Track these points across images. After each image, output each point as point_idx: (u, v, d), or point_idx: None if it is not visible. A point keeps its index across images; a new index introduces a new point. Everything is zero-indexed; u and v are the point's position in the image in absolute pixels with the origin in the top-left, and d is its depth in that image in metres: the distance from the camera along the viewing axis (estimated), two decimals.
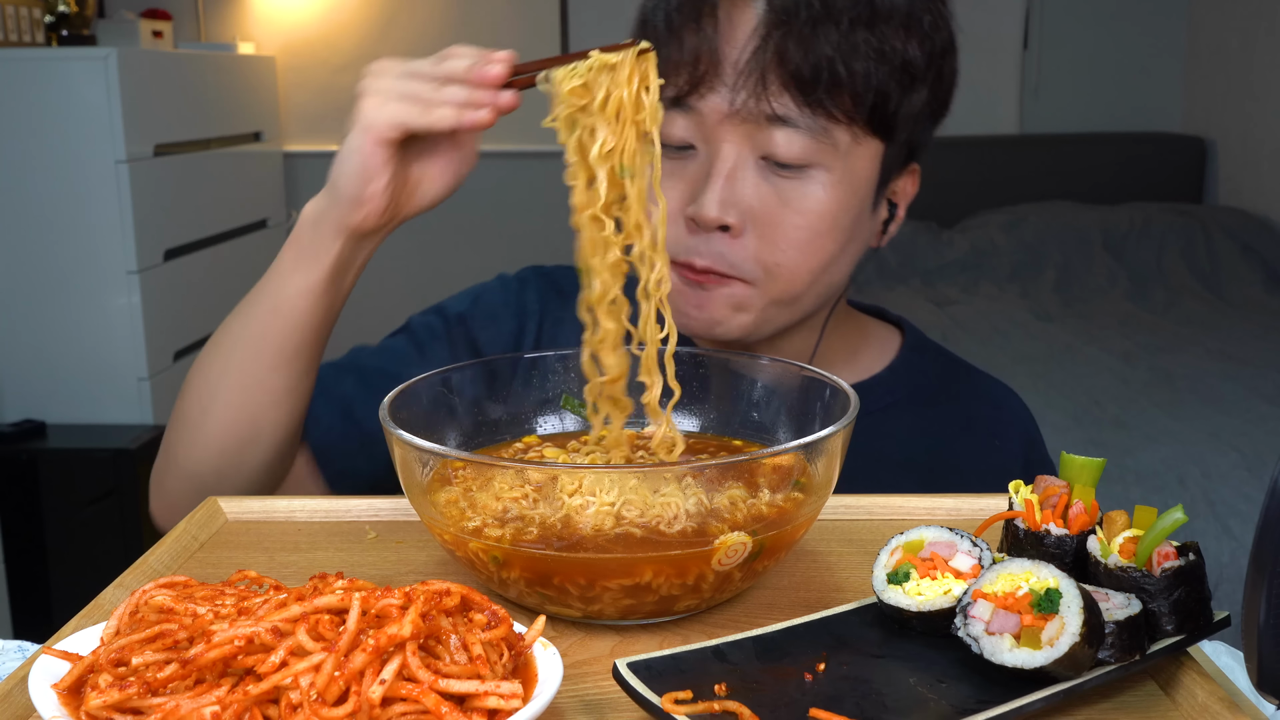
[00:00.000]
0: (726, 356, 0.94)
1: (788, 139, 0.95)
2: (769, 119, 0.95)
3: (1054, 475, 1.12)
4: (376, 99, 0.87)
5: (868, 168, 0.99)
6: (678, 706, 0.59)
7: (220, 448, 0.97)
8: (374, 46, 4.22)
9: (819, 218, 0.98)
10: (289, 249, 0.94)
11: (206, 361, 0.99)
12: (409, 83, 0.87)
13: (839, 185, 0.98)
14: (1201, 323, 3.49)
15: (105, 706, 0.55)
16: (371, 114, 0.87)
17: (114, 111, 2.84)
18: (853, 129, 0.96)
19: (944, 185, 4.24)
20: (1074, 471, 0.73)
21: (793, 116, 0.95)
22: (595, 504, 0.74)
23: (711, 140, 0.98)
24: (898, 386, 1.12)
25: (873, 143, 0.98)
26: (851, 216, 1.00)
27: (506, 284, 1.18)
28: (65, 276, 2.92)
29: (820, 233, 0.98)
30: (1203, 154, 4.32)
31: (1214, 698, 0.62)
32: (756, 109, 0.95)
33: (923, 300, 3.69)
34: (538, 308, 1.15)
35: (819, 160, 0.96)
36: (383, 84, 0.88)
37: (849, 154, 0.97)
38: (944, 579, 0.70)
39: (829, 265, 1.01)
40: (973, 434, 1.13)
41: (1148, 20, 4.40)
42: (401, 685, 0.54)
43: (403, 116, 0.86)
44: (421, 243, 4.34)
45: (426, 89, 0.86)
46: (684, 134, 0.99)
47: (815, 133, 0.95)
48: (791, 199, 0.97)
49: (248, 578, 0.69)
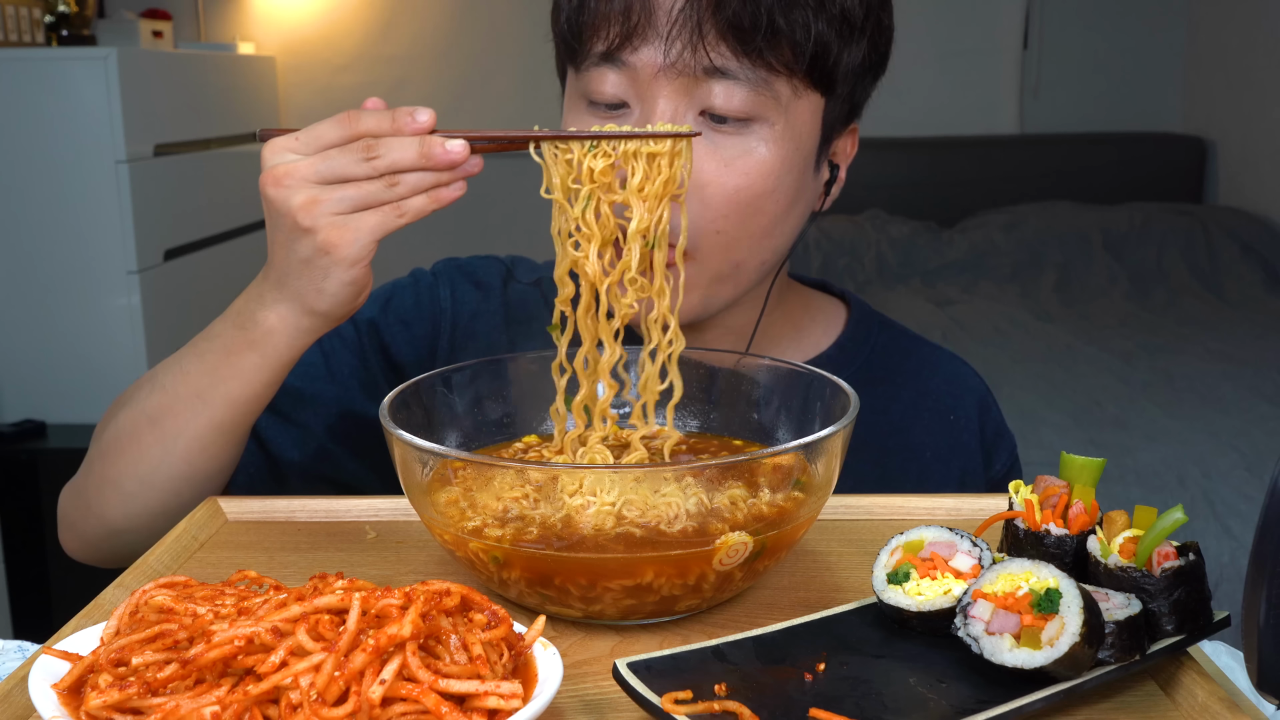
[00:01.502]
0: (727, 356, 0.94)
1: (727, 91, 0.91)
2: (706, 71, 0.90)
3: (1010, 440, 1.12)
4: (334, 224, 0.80)
5: (809, 123, 0.95)
6: (678, 706, 0.60)
7: (160, 512, 0.94)
8: (374, 46, 4.23)
9: (761, 176, 0.93)
10: (239, 347, 0.88)
11: (144, 438, 0.93)
12: (360, 188, 0.80)
13: (781, 140, 0.93)
14: (1201, 323, 3.49)
15: (105, 706, 0.55)
16: (346, 245, 0.80)
17: (114, 111, 2.83)
18: (793, 81, 0.92)
19: (944, 185, 4.25)
20: (1074, 471, 0.73)
21: (731, 68, 0.90)
22: (596, 504, 0.74)
23: (646, 97, 0.92)
24: (845, 364, 1.09)
25: (813, 96, 0.94)
26: (795, 175, 0.96)
27: (419, 280, 1.13)
28: (65, 276, 2.92)
29: (763, 192, 0.94)
30: (1203, 154, 4.32)
31: (1214, 698, 0.62)
32: (693, 61, 0.90)
33: (923, 300, 3.69)
34: (450, 305, 1.11)
35: (760, 113, 0.92)
36: (325, 197, 0.80)
37: (790, 107, 0.93)
38: (944, 579, 0.70)
39: (771, 229, 0.97)
40: (926, 409, 1.10)
41: (1148, 20, 4.40)
42: (401, 685, 0.54)
43: (379, 230, 0.81)
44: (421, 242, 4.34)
45: (381, 189, 0.80)
46: (616, 91, 0.93)
47: (755, 84, 0.91)
48: (733, 157, 0.93)
49: (248, 578, 0.69)
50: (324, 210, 0.80)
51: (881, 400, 1.07)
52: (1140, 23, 4.40)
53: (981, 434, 1.10)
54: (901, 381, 1.11)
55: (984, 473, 1.10)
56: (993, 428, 1.12)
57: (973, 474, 1.09)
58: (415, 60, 4.25)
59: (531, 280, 1.14)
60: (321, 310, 0.85)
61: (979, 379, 1.15)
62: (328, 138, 0.81)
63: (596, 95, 0.94)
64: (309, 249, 0.81)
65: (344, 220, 0.80)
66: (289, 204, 0.81)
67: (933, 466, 1.08)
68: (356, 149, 0.80)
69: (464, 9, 4.23)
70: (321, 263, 0.82)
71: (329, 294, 0.83)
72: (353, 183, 0.80)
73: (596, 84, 0.93)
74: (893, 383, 1.10)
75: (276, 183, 0.81)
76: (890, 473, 1.06)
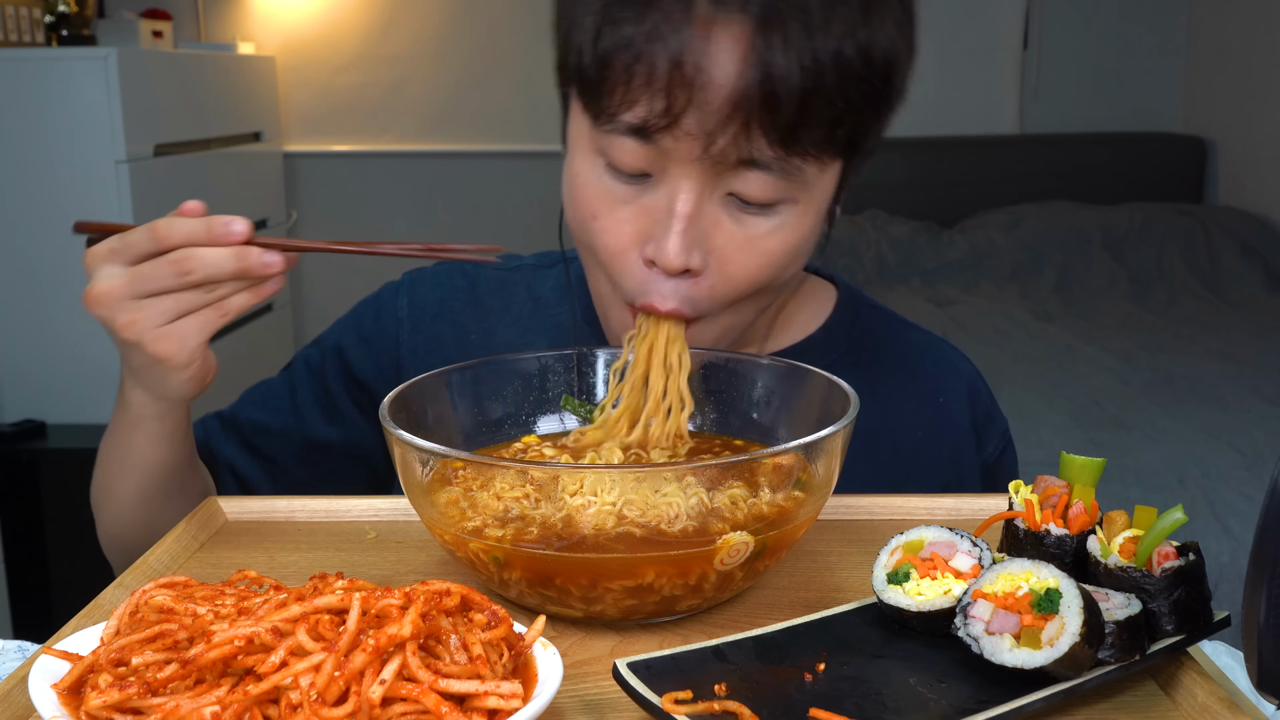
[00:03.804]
0: (727, 357, 0.94)
1: (760, 181, 0.85)
2: (741, 161, 0.84)
3: (1001, 422, 1.12)
4: (158, 336, 0.85)
5: (830, 189, 0.92)
6: (678, 706, 0.59)
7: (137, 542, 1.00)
8: (374, 46, 4.23)
9: (785, 253, 0.90)
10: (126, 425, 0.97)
11: (103, 502, 1.05)
12: (178, 299, 0.85)
13: (805, 216, 0.90)
14: (1201, 323, 3.49)
15: (105, 706, 0.55)
16: (174, 354, 0.86)
17: (114, 111, 2.83)
18: (821, 160, 0.86)
19: (944, 185, 4.25)
20: (1074, 471, 0.73)
21: (767, 159, 0.84)
22: (596, 504, 0.74)
23: (671, 176, 0.86)
24: (832, 347, 1.09)
25: (836, 164, 0.90)
26: (813, 240, 0.94)
27: (382, 295, 1.15)
28: (65, 277, 2.92)
29: (785, 266, 0.91)
30: (1203, 154, 4.32)
31: (1214, 698, 0.62)
32: (733, 154, 0.83)
33: (923, 300, 3.69)
34: (408, 313, 1.11)
35: (787, 196, 0.87)
36: (145, 314, 0.85)
37: (815, 183, 0.88)
38: (944, 579, 0.70)
39: (786, 285, 0.96)
40: (915, 392, 1.09)
41: (1148, 20, 4.40)
42: (401, 685, 0.54)
43: (204, 333, 0.86)
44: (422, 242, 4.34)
45: (200, 296, 0.85)
46: (640, 164, 0.86)
47: (789, 173, 0.85)
48: (757, 237, 0.88)
49: (248, 578, 0.69)
50: (146, 326, 0.85)
51: (869, 384, 1.03)
52: (1140, 23, 4.40)
53: (972, 416, 1.10)
54: (890, 365, 1.10)
55: (976, 455, 1.09)
56: (983, 410, 1.11)
57: (965, 456, 1.09)
58: (415, 60, 4.25)
59: (511, 266, 1.15)
60: (171, 398, 0.92)
61: (968, 362, 1.14)
62: (142, 249, 0.84)
63: (619, 164, 0.87)
64: (141, 359, 0.87)
65: (167, 331, 0.85)
66: (112, 323, 0.86)
67: (923, 449, 1.07)
68: (172, 265, 0.83)
69: (464, 9, 4.22)
70: (157, 369, 0.88)
71: (172, 389, 0.90)
72: (171, 294, 0.85)
73: (618, 151, 0.86)
74: (881, 366, 1.10)
75: (97, 302, 0.85)
76: (881, 456, 1.06)
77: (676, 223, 0.85)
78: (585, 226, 0.91)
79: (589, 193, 0.89)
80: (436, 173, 4.32)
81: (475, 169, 4.32)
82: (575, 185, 0.91)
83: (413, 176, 4.32)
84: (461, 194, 4.34)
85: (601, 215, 0.89)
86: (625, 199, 0.88)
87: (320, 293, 4.28)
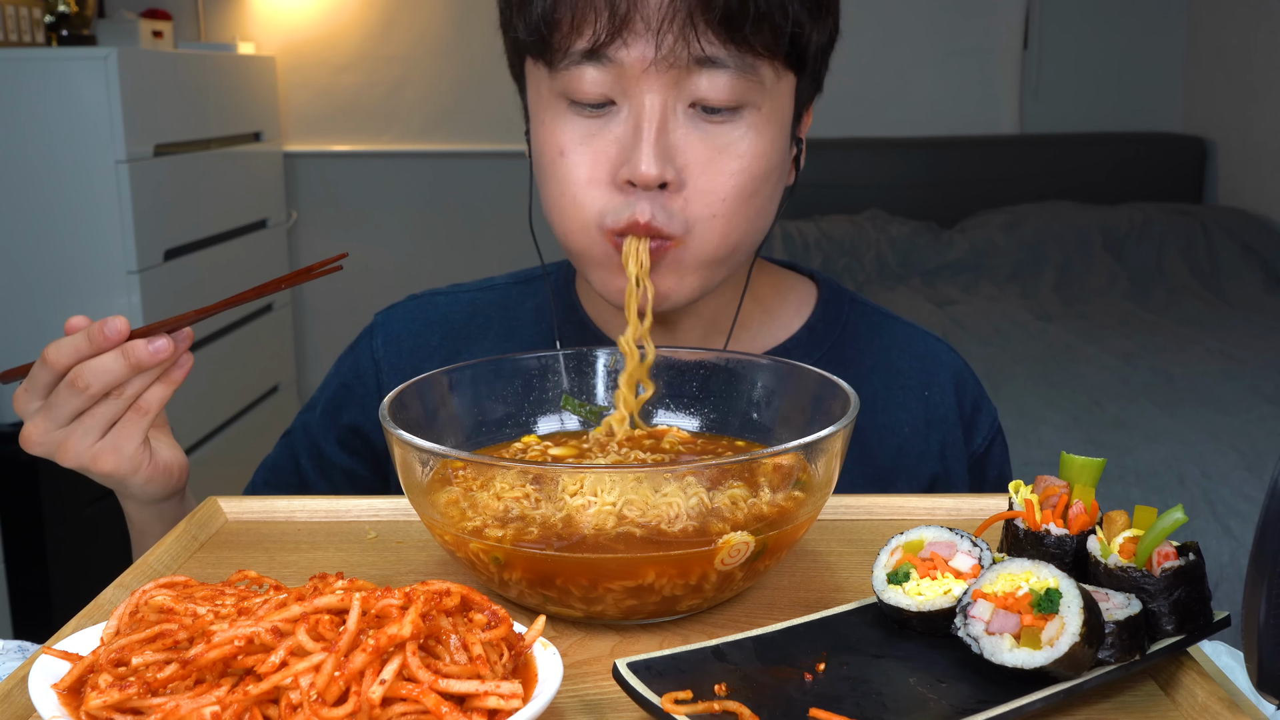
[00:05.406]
0: (726, 357, 0.94)
1: (715, 81, 0.89)
2: (696, 62, 0.88)
3: (991, 412, 1.12)
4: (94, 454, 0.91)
5: (787, 104, 0.95)
6: (678, 706, 0.60)
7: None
8: (374, 46, 4.22)
9: (755, 159, 0.93)
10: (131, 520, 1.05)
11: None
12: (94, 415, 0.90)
13: (769, 123, 0.93)
14: (1201, 323, 3.49)
15: (105, 706, 0.55)
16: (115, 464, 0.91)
17: (114, 111, 2.83)
18: (774, 64, 0.91)
19: (944, 185, 4.25)
20: (1074, 471, 0.73)
21: (720, 57, 0.88)
22: (597, 504, 0.74)
23: (633, 93, 0.90)
24: (816, 345, 1.09)
25: (789, 77, 0.94)
26: (780, 155, 0.96)
27: (358, 343, 1.16)
28: (65, 276, 2.92)
29: (758, 175, 0.93)
30: (1203, 154, 4.32)
31: (1214, 698, 0.62)
32: (684, 53, 0.88)
33: (923, 300, 3.69)
34: (383, 353, 1.13)
35: (748, 99, 0.91)
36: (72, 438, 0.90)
37: (773, 91, 0.93)
38: (944, 579, 0.70)
39: (764, 209, 0.97)
40: (900, 386, 1.10)
41: (1148, 20, 4.40)
42: (401, 685, 0.54)
43: (136, 436, 0.91)
44: (422, 243, 4.35)
45: (112, 405, 0.89)
46: (600, 89, 0.90)
47: (742, 70, 0.89)
48: (725, 145, 0.92)
49: (248, 578, 0.69)
50: (80, 449, 0.90)
51: (855, 379, 1.05)
52: (1140, 23, 4.40)
53: (960, 408, 1.10)
54: (874, 359, 1.11)
55: (965, 446, 1.10)
56: (970, 401, 1.11)
57: (953, 447, 1.09)
58: (415, 60, 4.25)
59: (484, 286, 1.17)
60: (144, 501, 0.99)
61: (953, 353, 1.14)
62: (44, 380, 0.90)
63: (579, 95, 0.91)
64: (95, 476, 0.93)
65: (100, 448, 0.91)
66: (52, 456, 0.91)
67: (911, 442, 1.07)
68: (70, 386, 0.88)
69: (464, 9, 4.22)
70: (111, 481, 0.94)
71: (137, 491, 0.96)
72: (86, 412, 0.89)
73: (578, 83, 0.90)
74: (866, 361, 1.10)
75: (30, 444, 0.91)
76: (868, 450, 1.06)
77: (644, 135, 0.90)
78: (555, 167, 0.93)
79: (555, 134, 0.93)
80: (436, 173, 4.32)
81: (475, 169, 4.32)
82: (541, 135, 0.95)
83: (413, 176, 4.32)
84: (461, 194, 4.34)
85: (570, 150, 0.93)
86: (593, 132, 0.92)
87: (321, 292, 4.28)
